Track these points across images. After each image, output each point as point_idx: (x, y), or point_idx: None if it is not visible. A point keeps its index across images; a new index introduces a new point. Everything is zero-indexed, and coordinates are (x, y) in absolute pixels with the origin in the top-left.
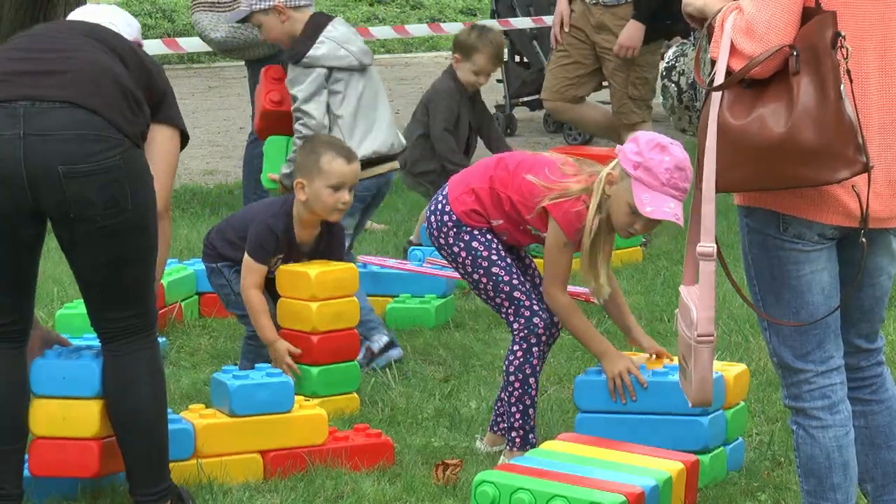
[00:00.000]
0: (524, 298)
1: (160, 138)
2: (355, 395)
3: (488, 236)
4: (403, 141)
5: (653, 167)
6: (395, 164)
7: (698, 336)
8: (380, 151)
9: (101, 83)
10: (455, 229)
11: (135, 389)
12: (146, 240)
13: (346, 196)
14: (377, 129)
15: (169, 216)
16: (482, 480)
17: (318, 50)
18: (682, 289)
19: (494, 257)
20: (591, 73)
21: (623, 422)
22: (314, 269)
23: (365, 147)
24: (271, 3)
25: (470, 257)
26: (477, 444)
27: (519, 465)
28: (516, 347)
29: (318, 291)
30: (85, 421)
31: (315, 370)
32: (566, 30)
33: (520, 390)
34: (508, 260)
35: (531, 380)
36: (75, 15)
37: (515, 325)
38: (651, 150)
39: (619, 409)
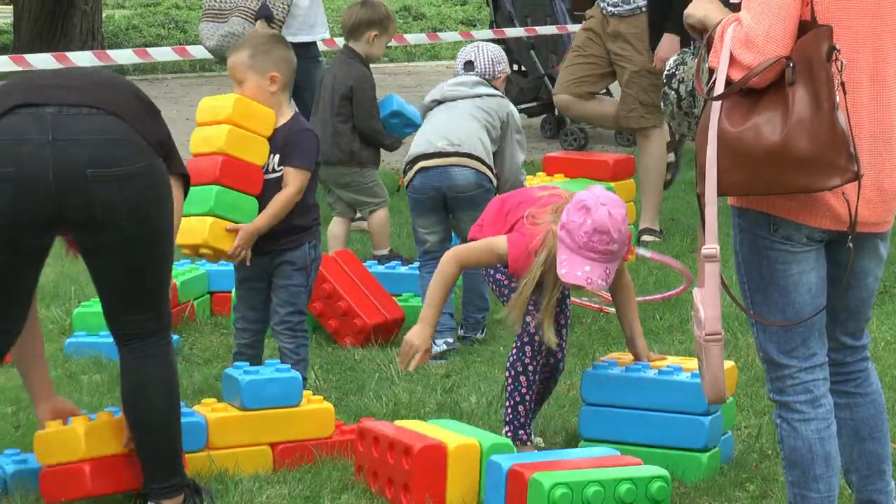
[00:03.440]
0: None
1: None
2: (207, 218)
3: None
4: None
5: (572, 229)
6: (425, 163)
7: (706, 335)
8: (412, 154)
9: (121, 94)
10: None
11: (150, 391)
12: (165, 246)
13: (236, 88)
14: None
15: None
16: (554, 483)
17: None
18: (694, 291)
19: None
20: (603, 75)
21: (627, 417)
22: (203, 100)
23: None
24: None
25: None
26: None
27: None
28: (513, 346)
29: (197, 118)
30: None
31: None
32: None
33: (511, 386)
34: None
35: (521, 377)
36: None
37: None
38: (576, 211)
39: (624, 403)
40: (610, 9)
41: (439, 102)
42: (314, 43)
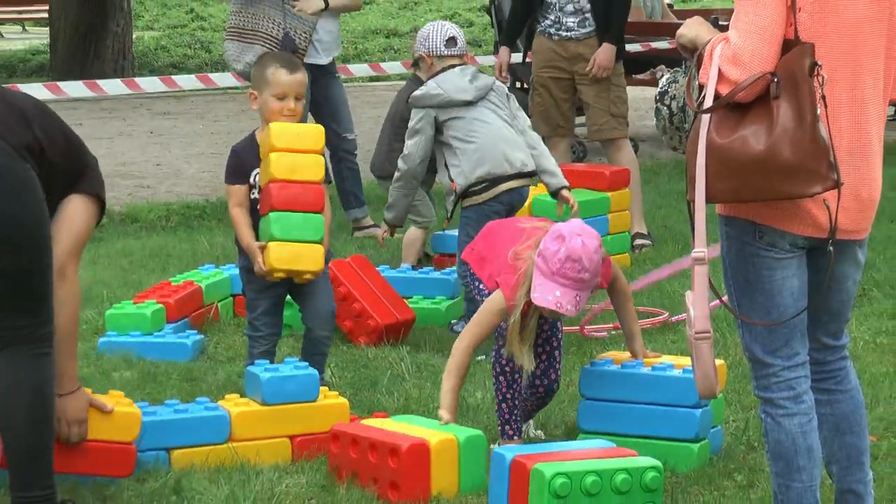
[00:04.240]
0: None
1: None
2: (319, 246)
3: None
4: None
5: (547, 256)
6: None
7: (696, 333)
8: (494, 173)
9: None
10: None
11: (17, 395)
12: (19, 257)
13: (290, 104)
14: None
15: (68, 276)
16: (555, 473)
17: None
18: (686, 293)
19: None
20: (572, 106)
21: (623, 410)
22: (276, 124)
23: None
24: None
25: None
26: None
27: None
28: (493, 349)
29: (276, 142)
30: None
31: (273, 215)
32: (506, 75)
33: (494, 386)
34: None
35: (500, 378)
36: None
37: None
38: (552, 240)
39: (620, 398)
40: (565, 33)
41: (469, 103)
42: (332, 62)
